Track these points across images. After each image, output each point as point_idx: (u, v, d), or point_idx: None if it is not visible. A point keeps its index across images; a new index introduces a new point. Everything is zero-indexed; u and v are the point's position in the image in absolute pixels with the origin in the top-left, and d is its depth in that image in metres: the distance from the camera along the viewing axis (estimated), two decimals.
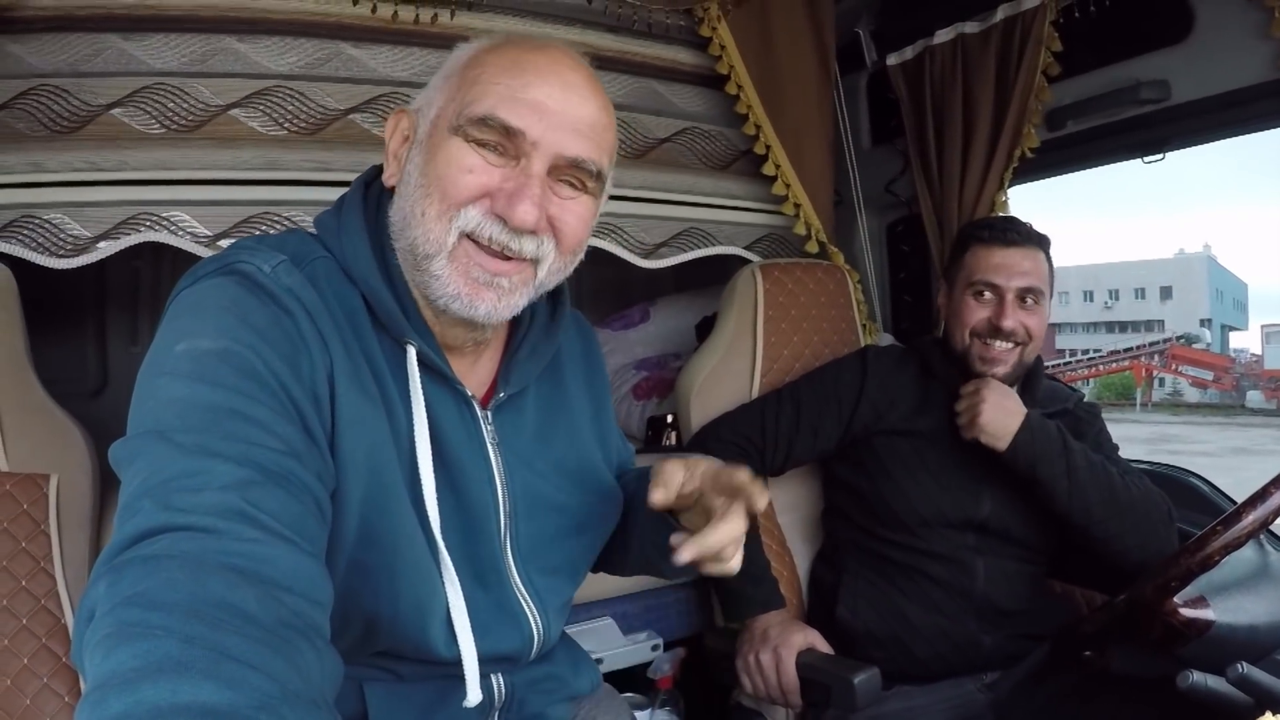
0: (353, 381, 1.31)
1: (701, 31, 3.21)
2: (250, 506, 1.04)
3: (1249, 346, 70.28)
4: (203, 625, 0.89)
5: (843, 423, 2.68)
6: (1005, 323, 2.49)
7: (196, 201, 2.41)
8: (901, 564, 2.58)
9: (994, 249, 2.57)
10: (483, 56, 1.41)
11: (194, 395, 1.13)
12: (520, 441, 1.56)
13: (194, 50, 2.42)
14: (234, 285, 1.26)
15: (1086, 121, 3.03)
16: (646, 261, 3.18)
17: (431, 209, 1.35)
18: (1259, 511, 1.87)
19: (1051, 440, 2.42)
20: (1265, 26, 2.49)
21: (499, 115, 1.34)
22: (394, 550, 1.33)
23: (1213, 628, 1.92)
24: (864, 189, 3.71)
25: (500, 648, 1.49)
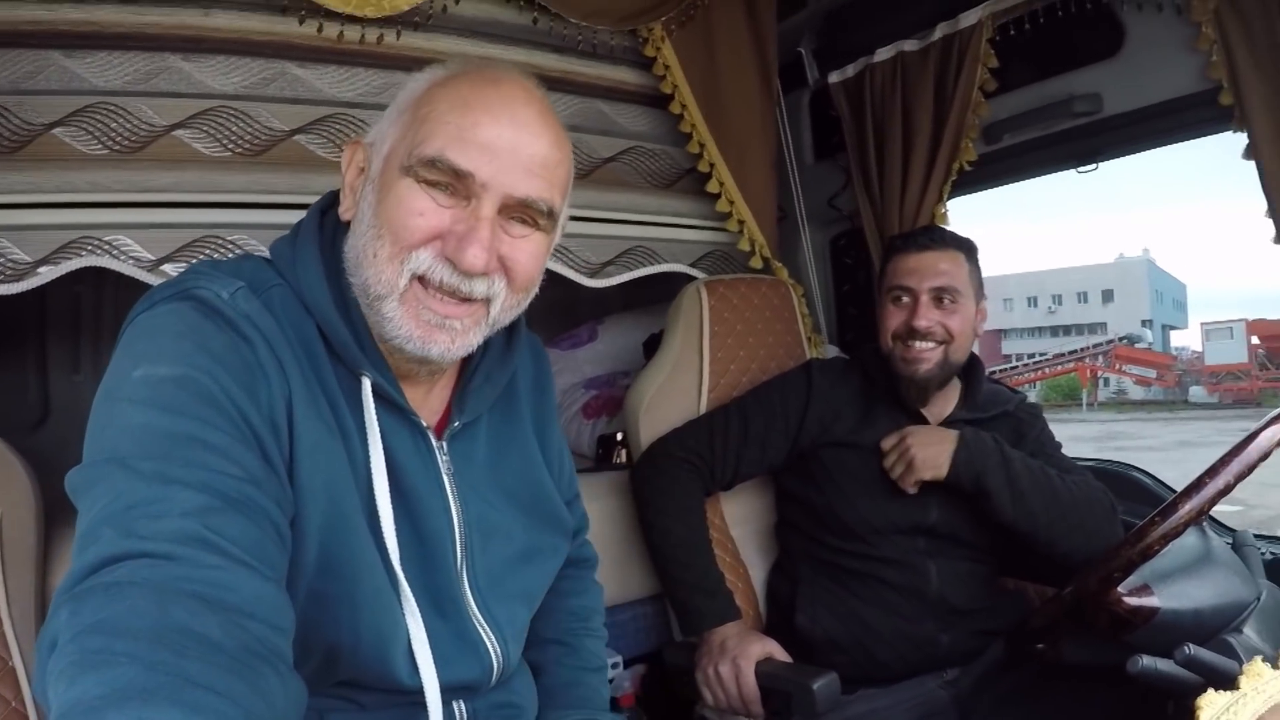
0: (310, 410, 1.30)
1: (646, 52, 3.24)
2: (211, 533, 1.04)
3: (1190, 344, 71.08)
4: (167, 652, 0.90)
5: (790, 436, 2.70)
6: (919, 322, 2.55)
7: (139, 225, 2.35)
8: (856, 571, 2.60)
9: (909, 255, 2.64)
10: (434, 92, 1.39)
11: (152, 422, 1.12)
12: (474, 470, 1.56)
13: (138, 69, 2.36)
14: (191, 311, 1.25)
15: (1022, 134, 3.12)
16: (593, 281, 3.18)
17: (383, 251, 1.34)
18: (1194, 501, 1.92)
19: (989, 453, 2.47)
20: (1193, 40, 2.57)
21: (448, 157, 1.32)
22: (354, 580, 1.32)
23: (1158, 614, 1.96)
24: (807, 204, 3.77)
25: (461, 676, 1.48)
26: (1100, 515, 2.49)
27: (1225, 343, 51.11)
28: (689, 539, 2.62)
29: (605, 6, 3.06)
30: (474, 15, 2.89)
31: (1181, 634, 1.87)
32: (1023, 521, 2.45)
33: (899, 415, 2.66)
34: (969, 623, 2.55)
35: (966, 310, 2.60)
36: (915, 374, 2.58)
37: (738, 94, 3.41)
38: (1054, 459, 2.67)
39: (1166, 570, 2.00)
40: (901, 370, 2.59)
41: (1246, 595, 2.05)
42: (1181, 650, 1.76)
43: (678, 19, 3.23)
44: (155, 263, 2.35)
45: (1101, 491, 2.55)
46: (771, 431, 2.71)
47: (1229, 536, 2.50)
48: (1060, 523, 2.44)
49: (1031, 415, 2.79)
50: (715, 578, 2.61)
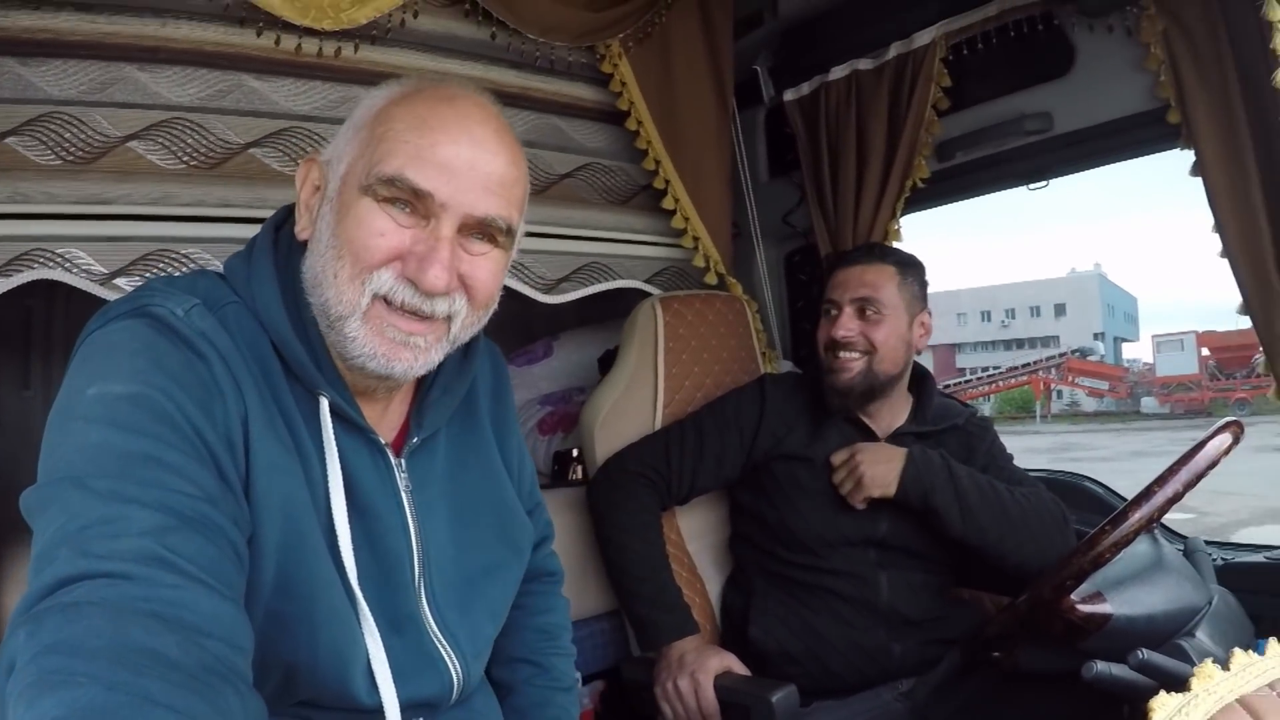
0: (267, 428, 1.29)
1: (603, 68, 3.25)
2: (168, 552, 1.04)
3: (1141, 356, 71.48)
4: (126, 671, 0.90)
5: (744, 450, 2.72)
6: (836, 332, 2.61)
7: (92, 237, 2.32)
8: (807, 583, 2.62)
9: (839, 270, 2.70)
10: (390, 110, 1.39)
11: (108, 441, 1.11)
12: (433, 485, 1.56)
13: (93, 78, 2.33)
14: (146, 328, 1.24)
15: (974, 152, 3.15)
16: (548, 297, 3.19)
17: (344, 271, 1.34)
18: (1144, 509, 1.95)
19: (937, 470, 2.50)
20: (1142, 60, 2.62)
21: (407, 176, 1.32)
22: (311, 599, 1.31)
23: (1111, 620, 1.98)
24: (762, 221, 3.79)
25: (421, 693, 1.48)
26: (1051, 526, 2.51)
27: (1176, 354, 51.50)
28: (646, 554, 2.63)
29: (563, 23, 3.06)
30: (432, 30, 2.89)
31: (1135, 639, 1.90)
32: (972, 536, 2.48)
33: (848, 429, 2.69)
34: (921, 633, 2.57)
35: (893, 323, 2.62)
36: (838, 383, 2.62)
37: (694, 111, 3.43)
38: (1006, 471, 2.70)
39: (1119, 577, 2.03)
40: (829, 381, 2.64)
41: (1198, 600, 2.08)
42: (1135, 655, 1.78)
43: (635, 36, 3.25)
44: (108, 276, 2.32)
45: (1053, 502, 2.57)
46: (727, 445, 2.72)
47: (1180, 543, 2.54)
48: (1010, 536, 2.47)
49: (982, 429, 2.81)
50: (673, 592, 2.62)
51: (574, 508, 2.88)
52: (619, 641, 2.93)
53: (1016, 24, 2.90)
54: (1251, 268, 2.41)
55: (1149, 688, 1.77)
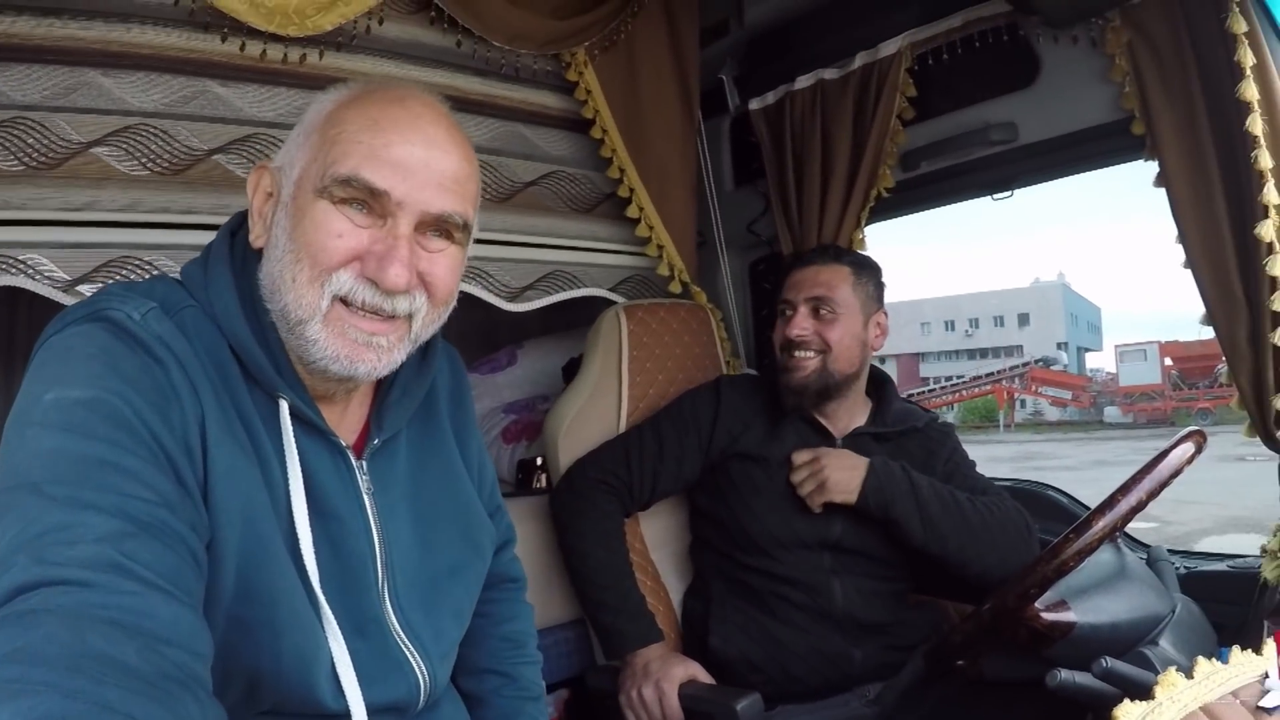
0: (225, 432, 1.28)
1: (568, 76, 3.26)
2: (126, 559, 1.02)
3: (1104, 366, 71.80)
4: (84, 680, 0.89)
5: (702, 450, 2.74)
6: (790, 331, 2.64)
7: (55, 244, 2.30)
8: (763, 590, 2.62)
9: (794, 270, 2.75)
10: (341, 113, 1.39)
11: (64, 446, 1.10)
12: (394, 487, 1.56)
13: (56, 83, 2.31)
14: (103, 332, 1.23)
15: (939, 162, 3.15)
16: (512, 305, 3.18)
17: (302, 275, 1.34)
18: (1108, 518, 1.95)
19: (897, 481, 2.51)
20: (1106, 71, 2.64)
21: (363, 176, 1.33)
22: (273, 604, 1.30)
23: (1075, 629, 1.99)
24: (726, 229, 3.78)
25: (387, 697, 1.47)
26: (1014, 536, 2.53)
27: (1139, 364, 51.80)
28: (609, 562, 2.63)
29: (528, 31, 3.06)
30: (397, 37, 2.89)
31: (1099, 647, 1.90)
32: (933, 546, 2.49)
33: (805, 430, 2.70)
34: (880, 638, 2.57)
35: (848, 323, 2.65)
36: (792, 382, 2.64)
37: (659, 120, 3.44)
38: (968, 478, 2.71)
39: (1083, 586, 2.04)
40: (783, 380, 2.66)
41: (1161, 609, 2.09)
42: (1099, 663, 1.79)
43: (600, 44, 3.25)
44: (71, 283, 2.31)
45: (1016, 511, 2.59)
46: (685, 446, 2.74)
47: (1144, 552, 2.55)
48: (972, 546, 2.48)
49: (943, 434, 2.82)
50: (636, 600, 2.62)
51: (538, 516, 2.87)
52: (584, 650, 2.92)
53: (982, 34, 2.89)
54: (1215, 278, 2.43)
55: (1113, 696, 1.78)
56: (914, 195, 3.38)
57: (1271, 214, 2.28)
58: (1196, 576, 2.64)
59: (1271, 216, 2.28)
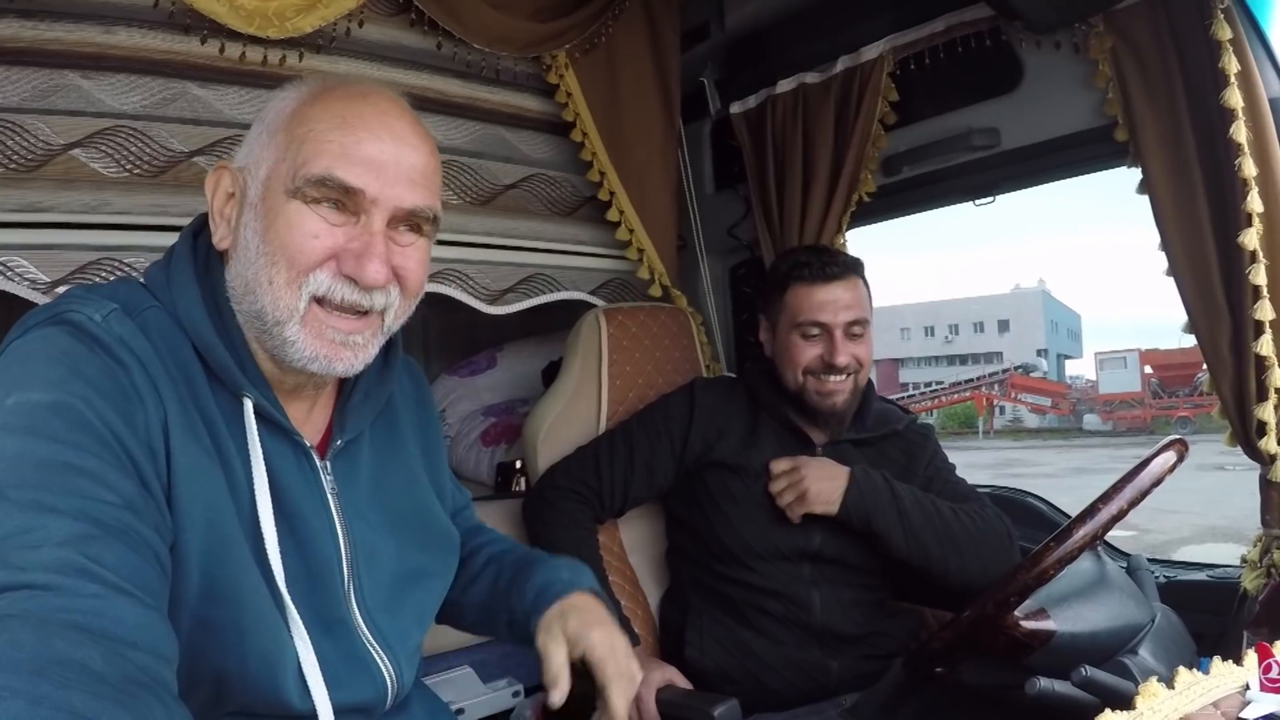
0: (187, 434, 1.28)
1: (549, 79, 3.26)
2: (90, 562, 1.02)
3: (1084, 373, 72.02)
4: (49, 684, 0.88)
5: (676, 457, 2.70)
6: (839, 359, 2.54)
7: (34, 245, 2.29)
8: (741, 601, 2.59)
9: (815, 287, 2.59)
10: (307, 111, 1.40)
11: (26, 450, 1.10)
12: (357, 490, 1.56)
13: (35, 85, 2.30)
14: (64, 335, 1.23)
15: (921, 167, 3.15)
16: (492, 308, 3.17)
17: (279, 276, 1.34)
18: (1088, 526, 1.94)
19: (879, 491, 2.48)
20: (1090, 77, 2.63)
21: (336, 176, 1.34)
22: (238, 606, 1.30)
23: (1054, 637, 1.98)
24: (707, 233, 3.78)
25: (354, 698, 1.47)
26: (995, 545, 2.51)
27: (1119, 372, 51.90)
28: None
29: (509, 34, 3.05)
30: (378, 39, 2.88)
31: (1078, 656, 1.90)
32: (915, 557, 2.47)
33: (785, 437, 2.67)
34: (858, 649, 2.55)
35: (870, 335, 2.61)
36: (835, 406, 2.58)
37: (639, 123, 3.43)
38: (949, 483, 2.70)
39: (1063, 594, 2.03)
40: (818, 404, 2.59)
41: (1141, 618, 2.08)
42: (1078, 672, 1.79)
43: (581, 47, 3.25)
44: (50, 285, 2.29)
45: (998, 519, 2.57)
46: (657, 454, 2.71)
47: (1124, 561, 2.55)
48: (954, 556, 2.46)
49: (923, 436, 2.80)
50: (609, 606, 2.58)
51: (516, 519, 2.85)
52: None
53: (964, 40, 2.89)
54: (1197, 286, 2.43)
55: (1092, 705, 1.78)
56: (896, 200, 3.38)
57: (1255, 222, 2.28)
58: (1176, 586, 2.64)
59: (1255, 224, 2.28)
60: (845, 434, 2.69)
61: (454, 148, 3.13)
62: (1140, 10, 2.49)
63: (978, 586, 2.33)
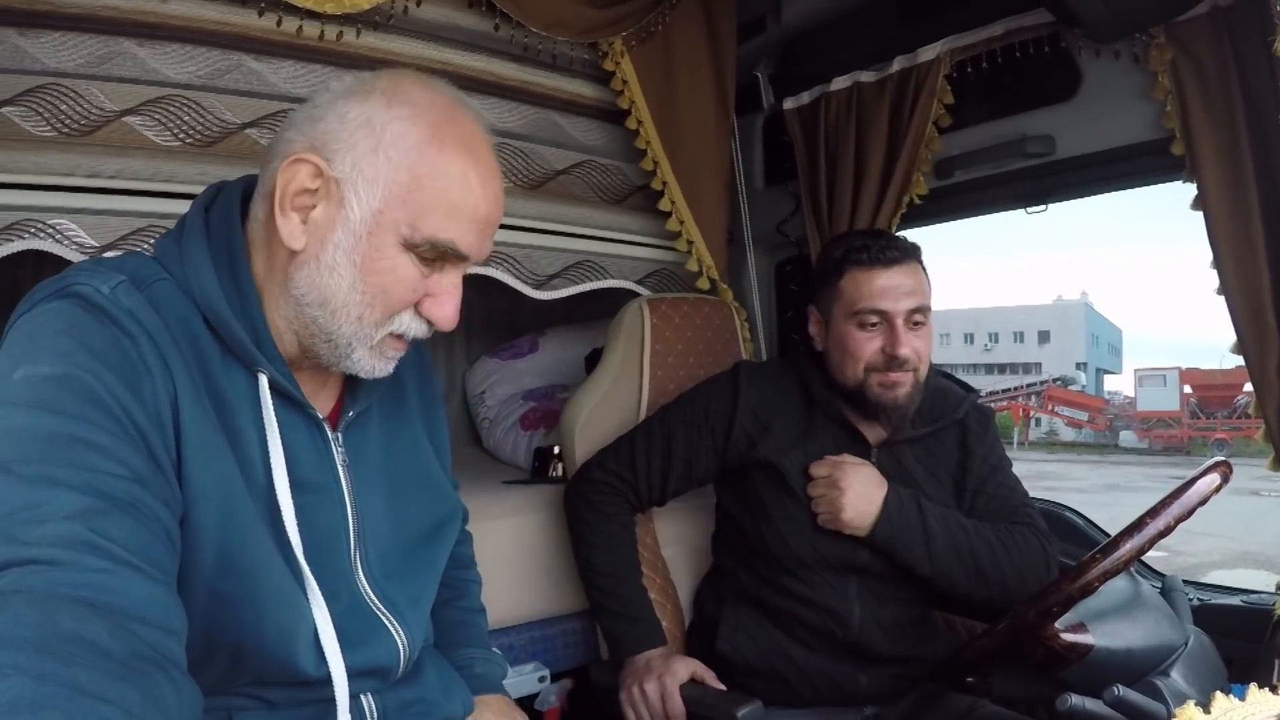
0: (196, 406, 1.27)
1: (605, 65, 3.24)
2: (97, 536, 1.03)
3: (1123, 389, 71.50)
4: (54, 661, 0.88)
5: (717, 451, 2.60)
6: (901, 350, 2.37)
7: (84, 210, 2.30)
8: (779, 606, 2.53)
9: (875, 271, 2.41)
10: (433, 155, 1.36)
11: (34, 424, 1.10)
12: (367, 459, 1.59)
13: (92, 51, 2.31)
14: (72, 308, 1.23)
15: (974, 172, 3.12)
16: (538, 292, 3.18)
17: (371, 315, 1.39)
18: (1135, 541, 1.92)
19: (910, 525, 2.37)
20: (1148, 88, 2.59)
21: (457, 245, 1.39)
22: (254, 578, 1.31)
23: (1092, 651, 1.96)
24: (755, 229, 3.77)
25: (368, 661, 1.49)
26: (1030, 576, 2.38)
27: (1158, 390, 51.46)
28: (612, 568, 2.61)
29: (566, 18, 3.05)
30: (435, 19, 2.88)
31: (1112, 673, 1.89)
32: (941, 584, 2.40)
33: (840, 436, 2.54)
34: (891, 667, 2.49)
35: (930, 326, 2.48)
36: (897, 400, 2.42)
37: (694, 114, 3.42)
38: (1003, 487, 2.59)
39: (1100, 609, 2.01)
40: (879, 398, 2.42)
41: (1175, 639, 2.06)
42: (1111, 691, 1.77)
43: (638, 35, 3.23)
44: (99, 249, 2.30)
45: (1039, 543, 2.44)
46: (696, 448, 2.61)
47: (1158, 581, 2.52)
48: (981, 589, 2.38)
49: (982, 425, 2.66)
50: (638, 604, 2.60)
51: (551, 505, 2.87)
52: (589, 642, 2.92)
53: (1023, 45, 2.86)
54: (1248, 306, 2.39)
55: None
56: (947, 204, 3.34)
57: None
58: (1209, 609, 2.60)
59: None
60: (900, 432, 2.54)
61: (506, 131, 3.13)
62: (1202, 23, 2.46)
63: (1002, 605, 2.29)
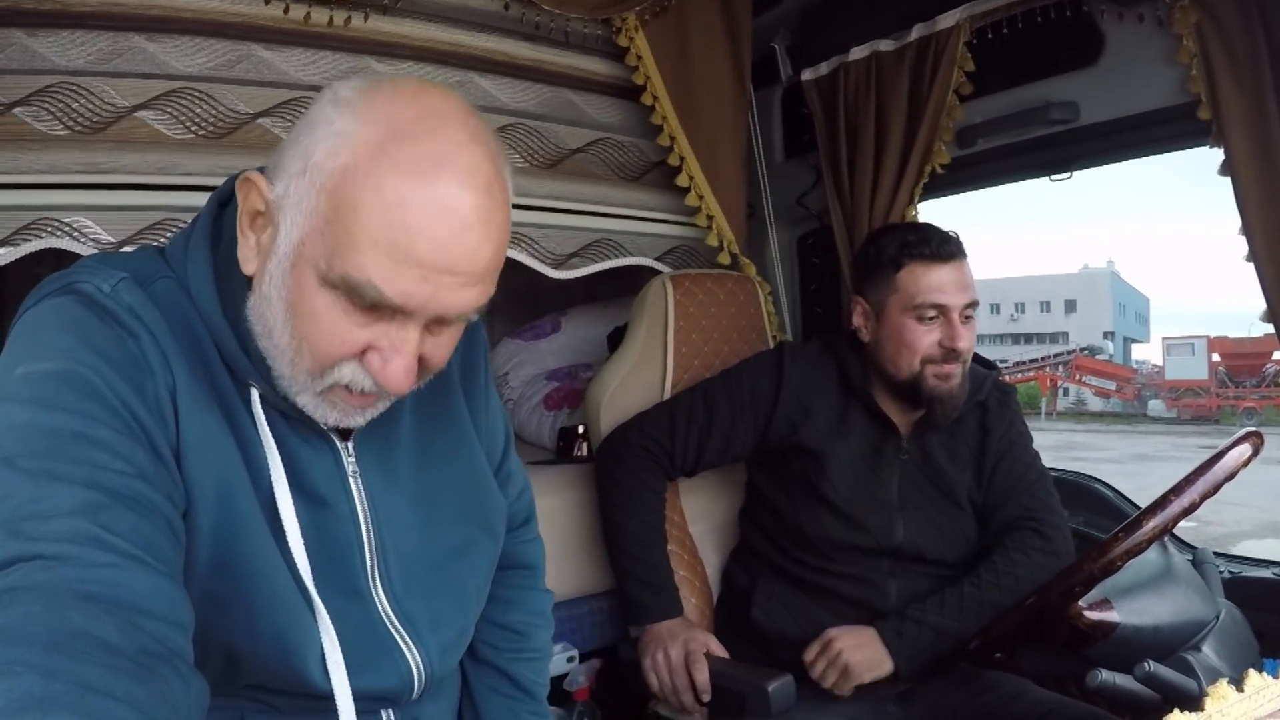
0: (197, 404, 1.24)
1: (619, 41, 3.21)
2: (103, 530, 1.01)
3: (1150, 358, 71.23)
4: (63, 658, 0.87)
5: (758, 430, 2.63)
6: (961, 344, 2.41)
7: (99, 206, 2.31)
8: (814, 582, 2.55)
9: (935, 266, 2.45)
10: (358, 178, 1.15)
11: (35, 420, 1.09)
12: (389, 465, 1.48)
13: (101, 48, 2.31)
14: (74, 305, 1.21)
15: (996, 140, 3.08)
16: (557, 272, 3.17)
17: (303, 363, 1.23)
18: (1159, 519, 1.90)
19: (919, 638, 2.37)
20: (1173, 53, 2.54)
21: (378, 289, 1.15)
22: (250, 583, 1.28)
23: (1118, 629, 1.95)
24: (775, 202, 3.74)
25: (377, 685, 1.43)
26: (1043, 576, 2.28)
27: (1186, 359, 51.23)
28: (640, 535, 2.61)
29: None
30: (444, 0, 2.86)
31: (1140, 650, 1.87)
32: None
33: (871, 426, 2.58)
34: None
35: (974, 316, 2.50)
36: (951, 390, 2.45)
37: (710, 88, 3.39)
38: (1021, 463, 2.58)
39: (1127, 585, 1.99)
40: (937, 389, 2.45)
41: (1206, 613, 2.04)
42: (1141, 667, 1.76)
43: (652, 9, 3.20)
44: (116, 245, 2.31)
45: (1041, 538, 2.46)
46: (738, 423, 2.63)
47: (1189, 553, 2.49)
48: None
49: (1002, 403, 2.67)
50: (663, 574, 2.60)
51: (577, 485, 2.87)
52: (617, 621, 2.89)
53: (1044, 9, 2.81)
54: (1278, 273, 2.35)
55: (1154, 701, 1.75)
56: (970, 173, 3.31)
57: None
58: (1240, 582, 2.59)
59: None
60: (927, 421, 2.56)
61: (521, 111, 3.11)
62: None
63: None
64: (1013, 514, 2.51)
